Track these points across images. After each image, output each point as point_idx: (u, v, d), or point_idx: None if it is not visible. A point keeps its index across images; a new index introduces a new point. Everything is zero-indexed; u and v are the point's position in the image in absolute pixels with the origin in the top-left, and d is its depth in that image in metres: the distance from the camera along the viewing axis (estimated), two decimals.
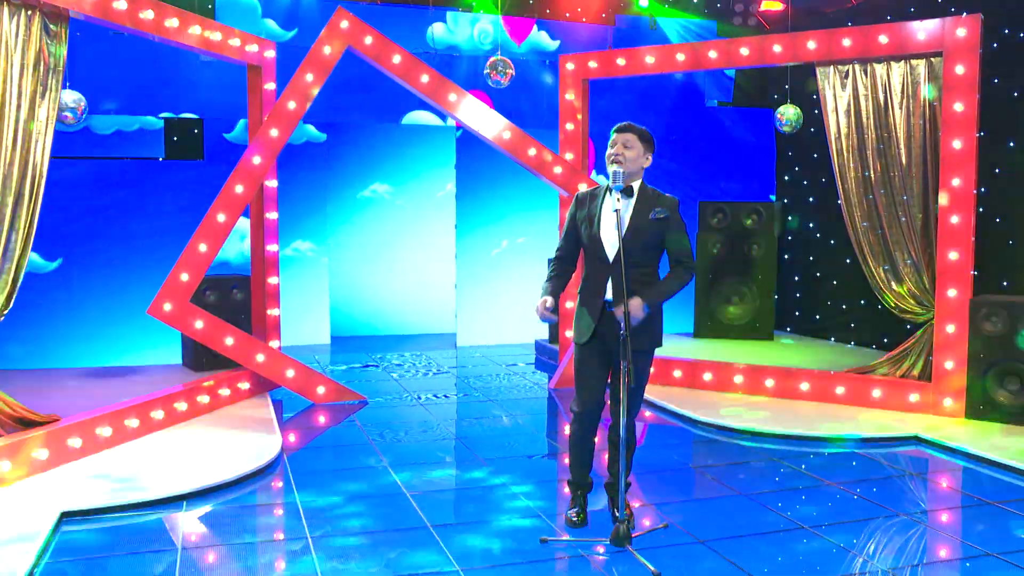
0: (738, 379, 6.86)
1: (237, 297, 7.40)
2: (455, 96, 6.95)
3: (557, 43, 9.69)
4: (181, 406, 5.84)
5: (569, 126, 7.43)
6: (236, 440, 5.43)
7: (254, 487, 4.74)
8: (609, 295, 3.90)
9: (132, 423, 5.36)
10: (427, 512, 4.35)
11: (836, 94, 6.63)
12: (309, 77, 6.57)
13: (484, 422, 6.30)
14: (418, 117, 9.44)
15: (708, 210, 9.21)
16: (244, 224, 8.27)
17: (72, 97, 5.98)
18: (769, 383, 6.74)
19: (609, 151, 3.91)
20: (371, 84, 8.67)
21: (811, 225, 9.48)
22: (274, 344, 6.95)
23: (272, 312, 6.96)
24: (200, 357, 7.31)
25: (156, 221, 8.03)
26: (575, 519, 4.07)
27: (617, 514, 3.99)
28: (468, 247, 9.65)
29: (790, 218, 9.70)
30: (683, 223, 4.03)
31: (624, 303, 3.65)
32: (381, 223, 10.35)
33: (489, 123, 7.01)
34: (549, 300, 3.93)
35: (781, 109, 8.12)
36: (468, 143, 9.37)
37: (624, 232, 3.86)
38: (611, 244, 3.86)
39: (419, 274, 10.52)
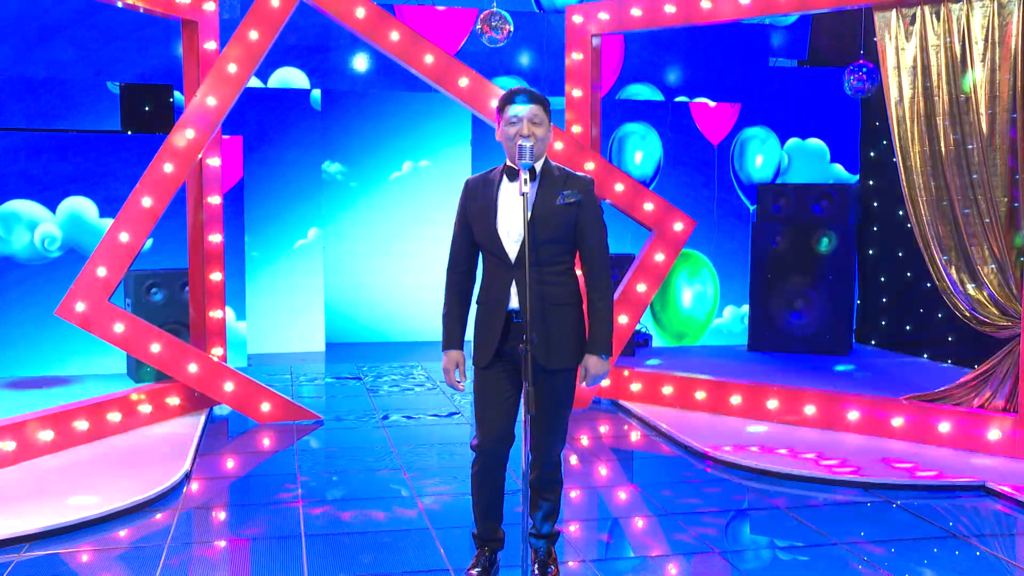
0: (772, 404, 6.36)
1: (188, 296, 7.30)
2: (432, 58, 6.66)
3: None
4: (81, 426, 5.72)
5: (576, 92, 7.05)
6: (132, 469, 5.27)
7: (124, 527, 4.54)
8: (514, 303, 3.56)
9: (7, 446, 5.25)
10: (315, 561, 4.09)
11: (899, 46, 6.06)
12: (254, 35, 6.40)
13: (446, 451, 6.00)
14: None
15: (768, 194, 8.68)
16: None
17: None
18: (809, 410, 6.22)
19: (511, 129, 3.58)
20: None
21: (900, 213, 8.82)
22: (217, 352, 6.80)
23: (214, 314, 6.81)
24: (143, 366, 7.25)
25: (112, 203, 7.99)
26: None
27: (536, 571, 3.69)
28: None
29: (876, 204, 9.06)
30: (600, 211, 3.67)
31: (583, 369, 3.61)
32: (373, 211, 10.09)
33: (475, 92, 6.69)
34: (460, 361, 3.72)
35: (852, 68, 7.56)
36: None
37: (527, 223, 3.52)
38: (514, 240, 3.54)
39: (431, 273, 10.28)
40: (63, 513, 4.50)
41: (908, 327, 8.74)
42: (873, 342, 9.12)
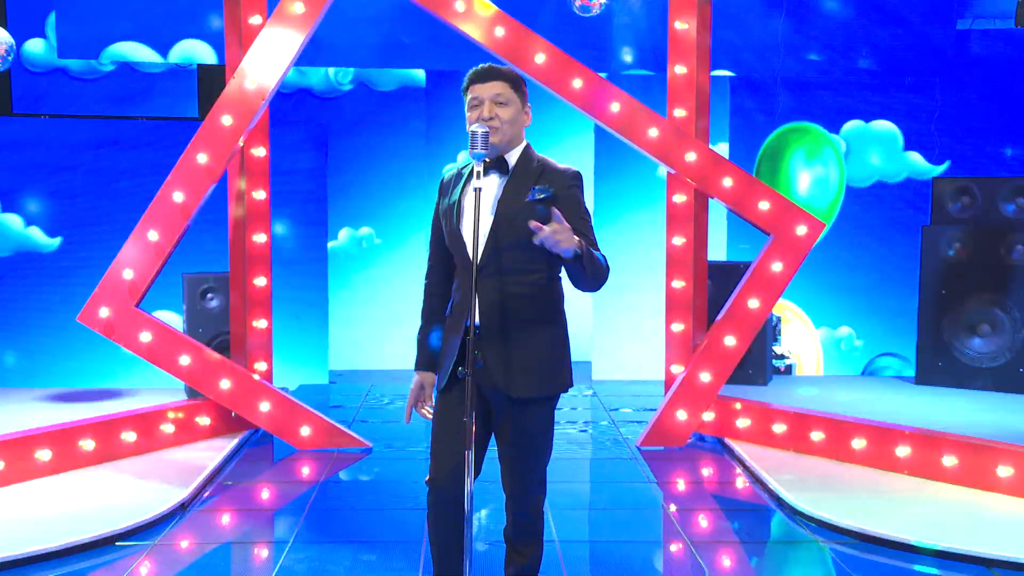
0: (901, 451, 5.85)
1: None
2: (503, 31, 6.53)
3: None
4: (87, 445, 5.93)
5: (680, 69, 6.75)
6: (126, 498, 5.41)
7: (79, 563, 4.64)
8: (476, 319, 3.42)
9: None
10: None
11: None
12: (299, 8, 6.47)
13: (493, 488, 5.85)
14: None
15: (947, 190, 8.04)
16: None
17: None
18: (949, 461, 5.67)
19: (472, 114, 3.49)
20: None
21: None
22: (260, 367, 6.92)
23: (258, 324, 6.93)
24: None
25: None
26: None
27: None
28: (609, 248, 9.15)
29: None
30: (583, 205, 3.47)
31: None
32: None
33: (554, 68, 6.50)
34: (426, 384, 3.69)
35: None
36: None
37: (477, 223, 3.38)
38: (479, 244, 3.41)
39: None
40: (18, 544, 4.64)
41: None
42: None
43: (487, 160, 3.41)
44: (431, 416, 3.67)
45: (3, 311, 8.41)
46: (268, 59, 6.43)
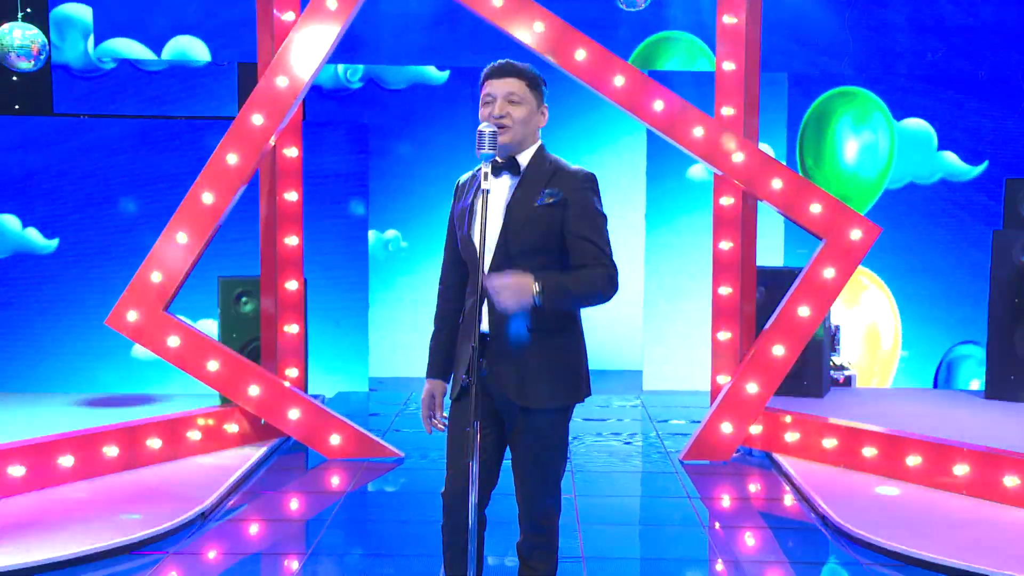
0: (960, 470, 5.67)
1: None
2: (542, 25, 6.46)
3: None
4: (110, 451, 5.97)
5: (728, 65, 6.63)
6: (145, 506, 5.42)
7: (90, 572, 4.67)
8: (486, 326, 3.38)
9: (14, 472, 5.53)
10: None
11: None
12: (332, 3, 6.47)
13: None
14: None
15: (1020, 192, 7.79)
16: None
17: (24, 33, 6.43)
18: (1011, 481, 5.48)
19: (484, 110, 3.44)
20: None
21: None
22: (292, 373, 6.92)
23: (289, 329, 6.94)
24: None
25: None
26: None
27: None
28: (662, 252, 9.10)
29: None
30: (595, 208, 3.40)
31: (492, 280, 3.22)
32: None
33: (595, 65, 6.41)
34: (436, 393, 3.64)
35: None
36: None
37: (483, 227, 3.31)
38: (488, 248, 3.39)
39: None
40: (31, 552, 4.68)
41: None
42: None
43: (497, 160, 3.36)
44: (443, 427, 3.64)
45: (38, 314, 8.55)
46: (301, 56, 6.43)
